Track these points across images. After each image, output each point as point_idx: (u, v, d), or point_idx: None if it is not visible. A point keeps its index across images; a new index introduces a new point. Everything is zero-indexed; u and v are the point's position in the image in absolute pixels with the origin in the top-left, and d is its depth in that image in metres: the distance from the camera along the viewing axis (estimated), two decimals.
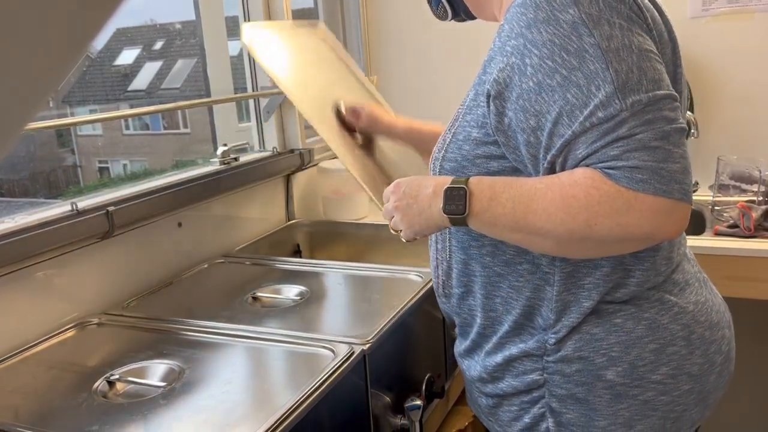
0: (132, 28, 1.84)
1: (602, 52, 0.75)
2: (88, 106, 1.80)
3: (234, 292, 1.35)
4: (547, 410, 0.91)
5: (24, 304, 1.16)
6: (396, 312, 1.17)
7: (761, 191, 1.77)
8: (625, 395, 0.88)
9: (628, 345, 0.87)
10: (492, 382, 0.97)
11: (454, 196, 0.85)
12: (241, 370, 1.04)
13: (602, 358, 0.87)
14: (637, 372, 0.87)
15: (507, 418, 0.96)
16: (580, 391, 0.89)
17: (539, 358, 0.91)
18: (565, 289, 0.88)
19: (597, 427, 0.89)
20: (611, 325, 0.87)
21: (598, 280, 0.87)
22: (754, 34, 1.93)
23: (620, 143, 0.74)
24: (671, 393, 0.89)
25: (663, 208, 0.74)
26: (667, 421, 0.90)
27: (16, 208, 1.27)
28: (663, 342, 0.88)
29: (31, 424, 0.90)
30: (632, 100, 0.74)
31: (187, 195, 1.46)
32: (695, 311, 0.91)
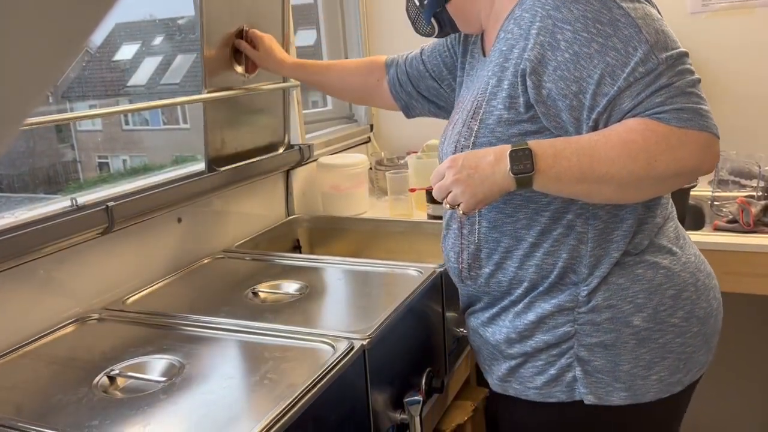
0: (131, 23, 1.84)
1: (633, 19, 0.87)
2: (87, 102, 1.80)
3: (234, 288, 1.35)
4: (575, 360, 0.99)
5: (24, 299, 1.16)
6: (396, 307, 1.17)
7: (760, 186, 1.77)
8: (648, 339, 0.97)
9: (651, 292, 0.97)
10: (520, 341, 1.03)
11: (520, 157, 0.91)
12: (241, 365, 1.04)
13: (629, 306, 0.97)
14: (660, 316, 0.97)
15: (529, 374, 1.03)
16: (608, 338, 0.97)
17: (571, 311, 0.99)
18: (597, 245, 0.97)
19: (621, 371, 0.98)
20: (634, 276, 0.97)
21: (625, 232, 0.97)
22: (753, 30, 1.93)
23: (663, 91, 0.86)
24: (684, 335, 0.99)
25: (706, 142, 0.87)
26: (680, 362, 0.99)
27: (16, 204, 1.27)
28: (679, 288, 0.98)
29: (31, 419, 0.90)
30: (665, 56, 0.86)
31: (186, 190, 1.46)
32: (696, 261, 1.03)
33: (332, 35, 2.37)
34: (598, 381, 0.98)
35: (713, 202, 1.86)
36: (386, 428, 1.14)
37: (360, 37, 2.37)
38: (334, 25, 2.38)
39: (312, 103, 2.40)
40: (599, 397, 0.99)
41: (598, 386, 0.98)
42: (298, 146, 1.87)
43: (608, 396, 0.98)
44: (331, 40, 2.37)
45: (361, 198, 1.97)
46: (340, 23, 2.39)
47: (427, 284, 1.30)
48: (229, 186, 1.61)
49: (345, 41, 2.40)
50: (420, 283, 1.29)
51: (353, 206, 1.94)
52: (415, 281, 1.31)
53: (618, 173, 0.87)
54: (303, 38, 2.36)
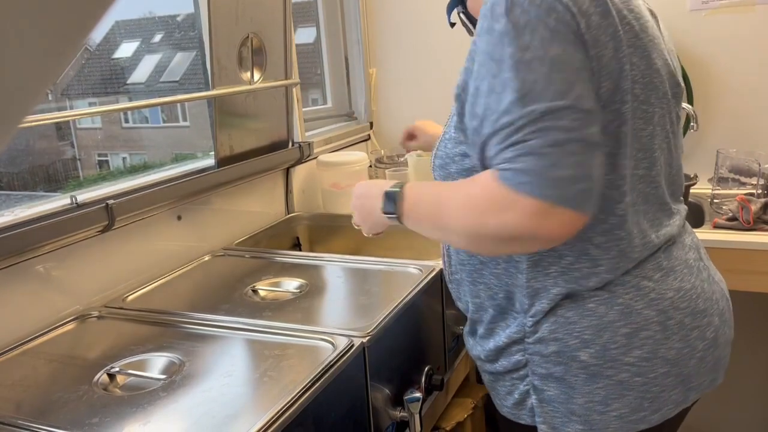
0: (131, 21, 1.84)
1: (514, 62, 0.79)
2: (87, 99, 1.80)
3: (234, 285, 1.35)
4: (531, 388, 0.98)
5: (24, 297, 1.16)
6: (395, 305, 1.17)
7: (760, 184, 1.77)
8: (600, 375, 0.92)
9: (600, 328, 0.91)
10: (489, 362, 1.04)
11: (391, 198, 0.96)
12: (240, 362, 1.04)
13: (575, 341, 0.92)
14: (610, 354, 0.91)
15: (503, 393, 1.03)
16: (557, 370, 0.94)
17: (521, 340, 0.97)
18: (533, 277, 0.93)
19: (575, 404, 0.94)
20: (584, 310, 0.92)
21: (563, 268, 0.91)
22: (754, 27, 1.93)
23: (514, 147, 0.78)
24: (646, 375, 0.92)
25: (539, 210, 0.77)
26: (644, 400, 0.93)
27: (16, 202, 1.27)
28: (636, 326, 0.91)
29: (31, 416, 0.90)
30: (530, 109, 0.77)
31: (186, 188, 1.46)
32: (675, 297, 0.94)
33: (332, 32, 2.37)
34: (554, 411, 0.96)
35: (713, 199, 1.86)
36: (386, 426, 1.14)
37: (360, 35, 2.37)
38: (333, 22, 2.37)
39: (312, 100, 2.40)
40: (554, 427, 0.96)
41: (553, 416, 0.96)
42: (297, 144, 1.87)
43: (564, 427, 0.96)
44: (330, 37, 2.37)
45: None
46: (340, 21, 2.38)
47: (426, 282, 1.30)
48: (229, 184, 1.61)
49: (345, 38, 2.40)
50: (420, 280, 1.29)
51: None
52: (414, 279, 1.31)
53: (457, 226, 0.86)
54: (303, 36, 2.36)
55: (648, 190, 0.93)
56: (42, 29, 0.23)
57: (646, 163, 0.92)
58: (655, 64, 0.90)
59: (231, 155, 1.63)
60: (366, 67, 2.40)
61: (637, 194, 0.91)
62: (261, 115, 1.75)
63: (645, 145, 0.91)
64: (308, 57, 2.35)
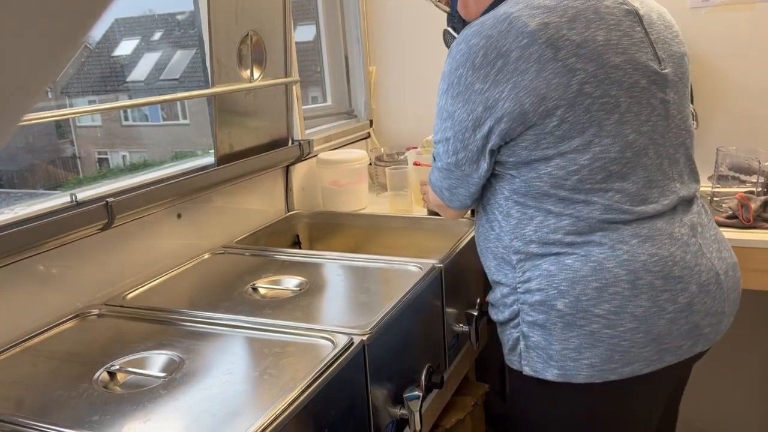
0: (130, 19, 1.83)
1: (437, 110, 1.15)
2: (87, 97, 1.80)
3: (233, 283, 1.35)
4: (521, 335, 1.14)
5: (24, 295, 1.16)
6: (395, 303, 1.17)
7: (760, 182, 1.77)
8: (574, 325, 1.07)
9: (574, 281, 1.06)
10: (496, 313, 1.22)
11: None
12: (240, 360, 1.04)
13: (554, 291, 1.08)
14: (581, 305, 1.06)
15: (505, 341, 1.20)
16: (540, 318, 1.10)
17: (514, 290, 1.14)
18: (515, 237, 1.13)
19: (553, 350, 1.10)
20: (563, 265, 1.08)
21: (536, 227, 1.10)
22: (754, 25, 1.93)
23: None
24: (615, 328, 1.05)
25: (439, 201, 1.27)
26: (614, 353, 1.06)
27: (16, 200, 1.27)
28: (605, 282, 1.05)
29: (32, 414, 0.90)
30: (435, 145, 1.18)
31: (186, 186, 1.46)
32: (647, 261, 1.06)
33: (332, 30, 2.37)
34: (537, 356, 1.12)
35: (713, 197, 1.86)
36: (386, 423, 1.14)
37: (360, 33, 2.36)
38: (333, 20, 2.37)
39: (312, 98, 2.40)
40: (535, 371, 1.12)
41: (536, 361, 1.12)
42: (297, 142, 1.87)
43: (543, 371, 1.11)
44: (330, 35, 2.37)
45: (360, 194, 1.97)
46: (340, 18, 2.38)
47: (427, 280, 1.30)
48: (229, 182, 1.61)
49: (345, 36, 2.40)
50: (420, 278, 1.29)
51: (353, 202, 1.95)
52: (414, 277, 1.31)
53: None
54: (303, 33, 2.35)
55: (625, 170, 1.06)
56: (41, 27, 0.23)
57: (617, 146, 1.04)
58: (611, 62, 1.03)
59: (231, 153, 1.63)
60: (366, 65, 2.40)
61: (607, 174, 1.05)
62: (261, 113, 1.75)
63: (611, 132, 1.04)
64: (308, 55, 2.35)
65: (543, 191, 1.07)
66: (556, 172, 1.05)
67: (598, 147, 1.03)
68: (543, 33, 1.00)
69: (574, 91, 1.01)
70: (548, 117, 1.02)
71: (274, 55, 1.71)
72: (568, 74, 1.00)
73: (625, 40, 1.06)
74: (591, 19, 1.04)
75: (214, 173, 1.55)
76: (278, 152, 1.79)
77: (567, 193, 1.06)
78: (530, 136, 1.04)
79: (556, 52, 1.00)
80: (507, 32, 1.01)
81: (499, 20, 1.03)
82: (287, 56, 1.76)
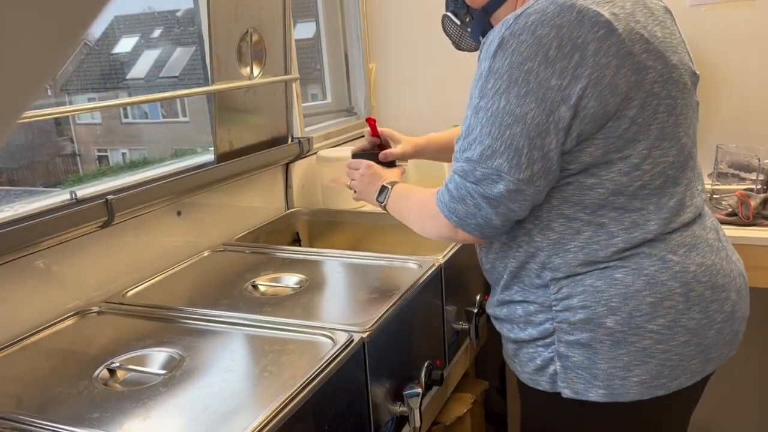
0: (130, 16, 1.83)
1: (473, 104, 0.97)
2: (86, 95, 1.80)
3: (233, 281, 1.35)
4: (555, 355, 1.04)
5: (24, 292, 1.16)
6: (395, 300, 1.18)
7: (760, 179, 1.77)
8: (624, 342, 0.99)
9: (627, 297, 0.98)
10: (515, 332, 1.11)
11: (383, 193, 1.24)
12: (240, 358, 1.04)
13: (603, 308, 0.99)
14: (635, 321, 0.99)
15: (525, 359, 1.09)
16: (584, 337, 1.01)
17: (548, 309, 1.04)
18: (554, 254, 1.02)
19: (599, 369, 1.01)
20: (612, 279, 0.99)
21: (582, 243, 1.00)
22: (754, 22, 1.92)
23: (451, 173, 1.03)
24: (668, 342, 0.99)
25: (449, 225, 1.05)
26: (664, 368, 1.00)
27: (15, 197, 1.27)
28: (660, 296, 0.98)
29: (32, 411, 0.90)
30: (462, 152, 0.99)
31: (186, 184, 1.46)
32: (697, 271, 1.01)
33: (331, 28, 2.37)
34: (577, 376, 1.02)
35: (712, 195, 1.86)
36: (386, 421, 1.14)
37: (359, 30, 2.36)
38: (333, 17, 2.37)
39: (311, 96, 2.40)
40: (576, 392, 1.02)
41: (576, 382, 1.02)
42: (297, 139, 1.87)
43: (586, 392, 1.02)
44: (330, 32, 2.37)
45: None
46: (340, 16, 2.38)
47: (426, 277, 1.30)
48: (229, 179, 1.61)
49: (344, 34, 2.40)
50: (419, 276, 1.29)
51: (353, 199, 1.94)
52: (414, 274, 1.31)
53: (411, 223, 1.17)
54: (302, 31, 2.35)
55: (677, 174, 1.01)
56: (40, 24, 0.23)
57: (674, 150, 0.99)
58: (671, 60, 0.97)
59: (230, 151, 1.63)
60: (365, 63, 2.39)
61: (665, 179, 0.99)
62: (260, 111, 1.75)
63: (669, 135, 0.98)
64: (308, 52, 2.35)
65: (601, 199, 0.98)
66: (619, 178, 0.96)
67: (658, 151, 0.97)
68: (618, 24, 0.91)
69: (646, 91, 0.94)
70: (621, 118, 0.93)
71: (273, 52, 1.71)
72: (642, 72, 0.93)
73: (673, 39, 1.01)
74: (646, 14, 0.98)
75: (214, 171, 1.55)
76: (278, 150, 1.79)
77: (625, 200, 0.98)
78: (599, 140, 0.94)
79: (633, 46, 0.92)
80: (579, 22, 0.90)
81: (563, 8, 0.91)
82: (287, 53, 1.76)
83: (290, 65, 1.79)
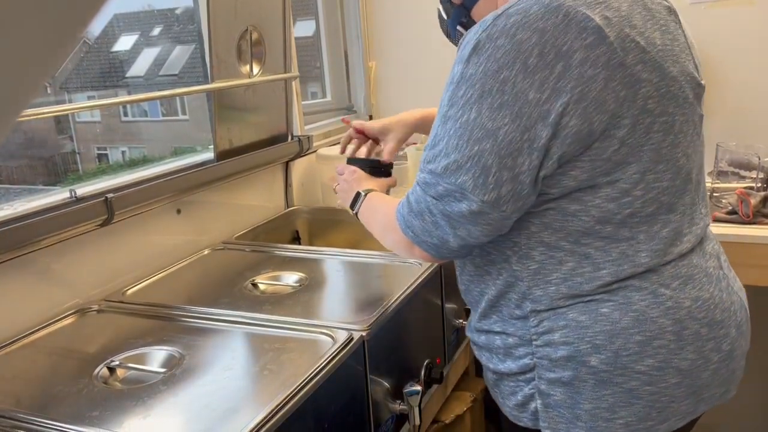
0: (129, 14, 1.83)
1: (441, 112, 0.87)
2: (86, 93, 1.80)
3: (233, 279, 1.35)
4: (536, 392, 0.95)
5: (24, 291, 1.16)
6: (395, 298, 1.17)
7: (760, 178, 1.77)
8: (609, 382, 0.90)
9: (613, 334, 0.89)
10: (494, 363, 1.02)
11: (356, 200, 1.17)
12: (240, 356, 1.04)
13: (587, 345, 0.90)
14: (621, 361, 0.89)
15: (506, 392, 1.01)
16: (566, 375, 0.92)
17: (528, 343, 0.94)
18: (534, 285, 0.92)
19: (582, 410, 0.92)
20: (597, 315, 0.90)
21: (565, 275, 0.90)
22: (754, 20, 1.92)
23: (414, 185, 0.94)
24: (657, 384, 0.90)
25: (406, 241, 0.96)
26: (652, 410, 0.91)
27: (15, 195, 1.27)
28: (650, 335, 0.89)
29: (31, 410, 0.90)
30: (427, 163, 0.89)
31: (186, 182, 1.46)
32: (692, 307, 0.91)
33: (331, 26, 2.36)
34: (558, 416, 0.94)
35: (712, 193, 1.86)
36: (385, 419, 1.14)
37: (359, 28, 2.36)
38: (333, 15, 2.37)
39: (311, 94, 2.40)
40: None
41: (558, 421, 0.94)
42: (297, 137, 1.87)
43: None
44: (330, 30, 2.36)
45: None
46: (339, 13, 2.38)
47: (426, 276, 1.30)
48: (229, 177, 1.61)
49: (344, 32, 2.40)
50: (419, 274, 1.29)
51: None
52: (414, 272, 1.31)
53: (375, 234, 1.10)
54: (302, 29, 2.35)
55: (672, 200, 0.90)
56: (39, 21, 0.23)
57: (670, 174, 0.89)
58: (670, 72, 0.87)
59: (230, 149, 1.63)
60: (365, 61, 2.39)
61: (658, 206, 0.89)
62: (260, 109, 1.75)
63: (665, 156, 0.88)
64: (307, 50, 2.35)
65: (586, 227, 0.88)
66: (606, 205, 0.86)
67: (652, 174, 0.87)
68: (610, 30, 0.81)
69: (638, 108, 0.83)
70: (609, 138, 0.83)
71: (273, 50, 1.71)
72: (635, 86, 0.82)
73: (676, 45, 0.90)
74: (645, 17, 0.87)
75: (214, 169, 1.55)
76: (278, 148, 1.79)
77: (612, 229, 0.88)
78: (585, 162, 0.84)
79: (625, 56, 0.81)
80: (565, 26, 0.80)
81: (549, 10, 0.81)
82: (287, 52, 1.76)
83: (290, 63, 1.79)
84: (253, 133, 1.72)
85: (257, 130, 1.74)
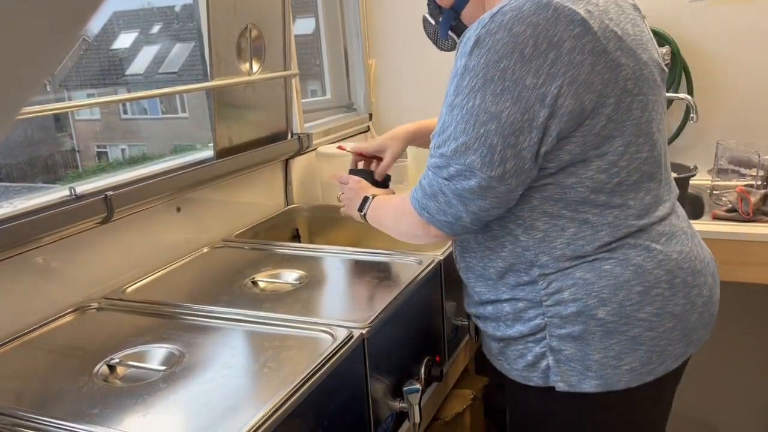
0: (129, 12, 1.83)
1: (448, 101, 0.98)
2: (85, 91, 1.80)
3: (233, 277, 1.35)
4: (548, 349, 1.05)
5: (23, 289, 1.16)
6: (395, 296, 1.18)
7: (760, 175, 1.77)
8: (615, 331, 1.02)
9: (617, 287, 1.01)
10: (501, 330, 1.11)
11: (365, 202, 1.27)
12: (240, 354, 1.04)
13: (594, 300, 1.02)
14: (625, 311, 1.02)
15: (513, 357, 1.10)
16: (576, 329, 1.03)
17: (537, 304, 1.05)
18: (540, 251, 1.04)
19: (591, 360, 1.03)
20: (601, 271, 1.02)
21: (568, 239, 1.02)
22: (753, 18, 1.92)
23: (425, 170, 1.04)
24: (656, 329, 1.03)
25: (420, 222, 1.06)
26: (653, 354, 1.03)
27: (15, 193, 1.26)
28: (648, 285, 1.02)
29: (31, 407, 0.90)
30: (437, 148, 0.99)
31: (185, 180, 1.46)
32: (679, 258, 1.05)
33: (331, 23, 2.36)
34: (570, 369, 1.04)
35: (712, 191, 1.86)
36: (385, 417, 1.14)
37: (359, 26, 2.36)
38: (333, 13, 2.36)
39: (311, 92, 2.39)
40: (570, 385, 1.04)
41: (570, 374, 1.04)
42: (297, 135, 1.87)
43: (580, 384, 1.04)
44: (330, 28, 2.36)
45: None
46: (339, 11, 2.37)
47: (426, 273, 1.30)
48: (228, 175, 1.61)
49: (344, 29, 2.39)
50: (419, 272, 1.29)
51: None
52: (414, 270, 1.31)
53: (388, 225, 1.21)
54: (302, 26, 2.35)
55: (652, 169, 1.03)
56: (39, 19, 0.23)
57: (648, 146, 1.02)
58: (642, 58, 0.99)
59: (230, 147, 1.63)
60: (365, 58, 2.39)
61: (640, 174, 1.01)
62: (260, 107, 1.74)
63: (644, 131, 1.00)
64: (307, 48, 2.34)
65: (582, 197, 0.99)
66: (598, 176, 0.98)
67: (634, 147, 0.99)
68: (593, 22, 0.93)
69: (620, 88, 0.95)
70: (597, 116, 0.95)
71: (273, 48, 1.71)
72: (616, 69, 0.94)
73: (643, 36, 1.03)
74: (618, 12, 0.99)
75: (214, 167, 1.55)
76: (277, 146, 1.79)
77: (606, 197, 1.00)
78: (578, 137, 0.96)
79: (607, 43, 0.93)
80: (555, 20, 0.91)
81: (540, 6, 0.92)
82: (286, 49, 1.76)
83: (290, 61, 1.78)
84: (252, 131, 1.71)
85: (257, 127, 1.74)
